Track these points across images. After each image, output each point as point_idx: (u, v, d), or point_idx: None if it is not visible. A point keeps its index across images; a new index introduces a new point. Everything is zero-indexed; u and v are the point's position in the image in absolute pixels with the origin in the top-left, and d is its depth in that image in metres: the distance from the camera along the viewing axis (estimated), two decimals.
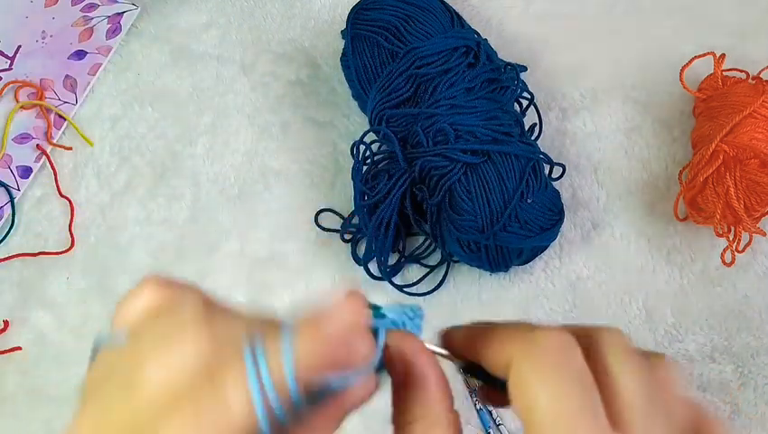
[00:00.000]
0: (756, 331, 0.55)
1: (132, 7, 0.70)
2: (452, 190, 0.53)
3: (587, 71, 0.64)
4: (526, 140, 0.56)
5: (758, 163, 0.53)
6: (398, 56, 0.57)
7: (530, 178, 0.53)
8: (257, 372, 0.21)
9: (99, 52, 0.68)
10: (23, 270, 0.62)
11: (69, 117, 0.66)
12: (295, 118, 0.65)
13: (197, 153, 0.64)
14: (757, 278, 0.56)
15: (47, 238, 0.63)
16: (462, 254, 0.55)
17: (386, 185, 0.55)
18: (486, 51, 0.58)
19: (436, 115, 0.55)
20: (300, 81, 0.66)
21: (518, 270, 0.58)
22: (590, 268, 0.58)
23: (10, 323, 0.60)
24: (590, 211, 0.59)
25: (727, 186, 0.52)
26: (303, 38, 0.68)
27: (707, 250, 0.57)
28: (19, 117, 0.66)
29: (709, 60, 0.58)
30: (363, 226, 0.57)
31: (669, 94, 0.62)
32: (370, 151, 0.58)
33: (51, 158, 0.65)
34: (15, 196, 0.63)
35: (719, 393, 0.54)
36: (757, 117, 0.54)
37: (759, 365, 0.54)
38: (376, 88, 0.57)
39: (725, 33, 0.63)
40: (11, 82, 0.67)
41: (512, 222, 0.52)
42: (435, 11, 0.59)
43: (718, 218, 0.53)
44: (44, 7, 0.71)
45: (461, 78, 0.56)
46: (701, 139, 0.56)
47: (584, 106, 0.63)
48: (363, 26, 0.59)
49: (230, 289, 0.59)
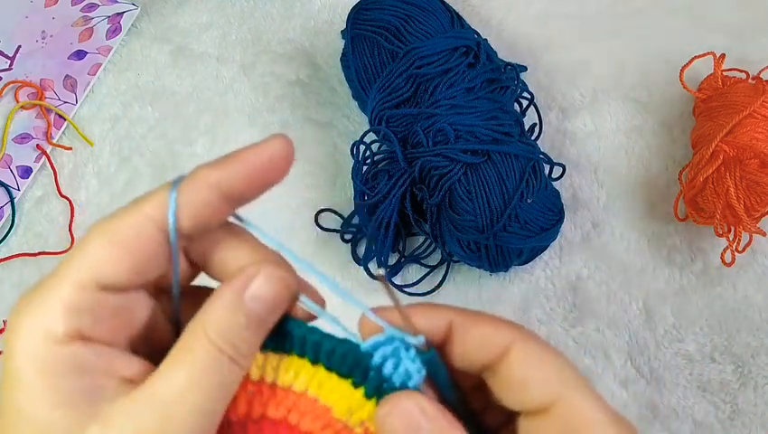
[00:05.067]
0: (756, 331, 0.55)
1: (132, 7, 0.70)
2: (452, 190, 0.53)
3: (587, 71, 0.64)
4: (526, 140, 0.56)
5: (758, 163, 0.53)
6: (398, 56, 0.57)
7: (530, 178, 0.53)
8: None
9: (99, 52, 0.68)
10: (23, 270, 0.62)
11: (69, 118, 0.66)
12: (294, 118, 0.65)
13: (197, 153, 0.64)
14: (757, 278, 0.56)
15: (47, 238, 0.63)
16: (462, 254, 0.55)
17: (386, 185, 0.55)
18: (486, 51, 0.58)
19: (436, 115, 0.55)
20: (300, 81, 0.66)
21: (518, 270, 0.58)
22: (590, 268, 0.58)
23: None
24: (590, 211, 0.59)
25: (727, 186, 0.52)
26: (303, 38, 0.68)
27: (707, 250, 0.57)
28: (19, 117, 0.66)
29: (709, 60, 0.58)
30: (363, 226, 0.57)
31: (669, 94, 0.62)
32: (370, 151, 0.58)
33: (51, 158, 0.65)
34: (15, 196, 0.63)
35: (719, 393, 0.54)
36: (757, 117, 0.54)
37: (759, 365, 0.54)
38: (376, 88, 0.57)
39: (725, 32, 0.64)
40: (11, 82, 0.67)
41: (512, 222, 0.52)
42: (435, 11, 0.59)
43: (718, 218, 0.53)
44: (44, 7, 0.71)
45: (461, 78, 0.56)
46: (701, 139, 0.56)
47: (584, 106, 0.63)
48: (363, 26, 0.59)
49: None
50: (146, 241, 0.25)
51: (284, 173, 0.26)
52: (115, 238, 0.24)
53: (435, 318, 0.26)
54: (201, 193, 0.25)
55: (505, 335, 0.25)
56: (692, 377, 0.54)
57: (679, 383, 0.54)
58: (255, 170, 0.25)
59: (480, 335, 0.26)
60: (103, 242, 0.24)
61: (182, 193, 0.25)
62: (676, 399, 0.54)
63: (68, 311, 0.23)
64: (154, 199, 0.25)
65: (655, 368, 0.55)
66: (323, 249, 0.60)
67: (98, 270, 0.24)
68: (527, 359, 0.25)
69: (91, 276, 0.24)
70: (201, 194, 0.25)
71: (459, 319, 0.26)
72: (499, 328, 0.26)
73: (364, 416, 0.25)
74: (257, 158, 0.25)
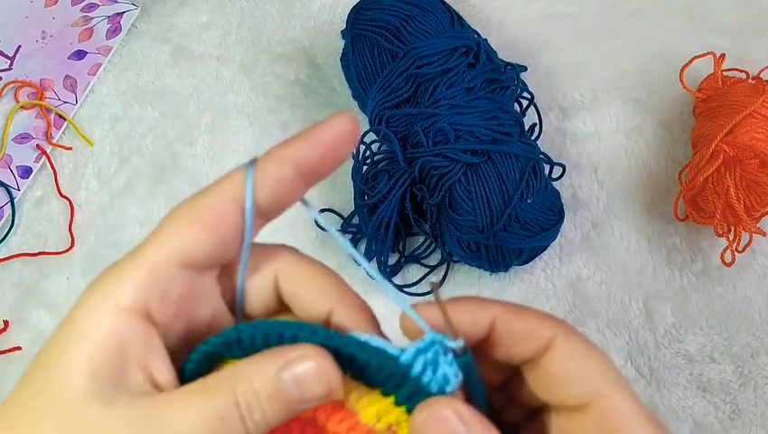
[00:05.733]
0: (756, 331, 0.55)
1: (132, 7, 0.70)
2: (452, 190, 0.53)
3: (587, 71, 0.64)
4: (526, 140, 0.56)
5: (758, 163, 0.53)
6: (398, 56, 0.57)
7: (530, 178, 0.53)
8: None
9: (99, 52, 0.68)
10: (23, 270, 0.62)
11: (69, 118, 0.66)
12: (294, 118, 0.65)
13: (197, 153, 0.64)
14: (757, 278, 0.56)
15: (47, 238, 0.63)
16: (462, 254, 0.55)
17: (386, 185, 0.55)
18: (486, 51, 0.58)
19: (436, 115, 0.55)
20: (300, 81, 0.66)
21: (518, 270, 0.58)
22: (590, 268, 0.58)
23: (10, 323, 0.60)
24: (590, 211, 0.59)
25: (727, 186, 0.52)
26: (303, 38, 0.68)
27: (707, 250, 0.57)
28: (19, 117, 0.66)
29: (709, 60, 0.58)
30: (363, 226, 0.57)
31: (669, 94, 0.62)
32: (370, 151, 0.58)
33: (51, 158, 0.65)
34: (15, 196, 0.63)
35: (719, 393, 0.54)
36: (757, 117, 0.54)
37: (759, 365, 0.54)
38: (376, 88, 0.57)
39: (725, 33, 0.64)
40: (11, 82, 0.67)
41: (512, 222, 0.52)
42: (435, 11, 0.59)
43: (718, 218, 0.53)
44: (44, 7, 0.71)
45: (461, 78, 0.56)
46: (701, 139, 0.56)
47: (584, 106, 0.63)
48: (363, 26, 0.59)
49: None
50: (228, 221, 0.25)
51: (351, 147, 0.27)
52: (197, 218, 0.25)
53: (479, 314, 0.26)
54: (277, 170, 0.26)
55: (548, 329, 0.26)
56: (692, 377, 0.54)
57: (679, 383, 0.54)
58: (326, 146, 0.26)
59: (524, 329, 0.26)
60: (185, 222, 0.25)
61: (258, 171, 0.25)
62: (676, 399, 0.54)
63: (140, 284, 0.24)
64: (234, 178, 0.26)
65: (655, 368, 0.55)
66: (323, 249, 0.60)
67: (180, 248, 0.25)
68: (570, 354, 0.25)
69: (171, 253, 0.25)
70: (277, 170, 0.26)
71: (502, 312, 0.26)
72: (543, 322, 0.26)
73: (392, 420, 0.25)
74: (326, 134, 0.26)
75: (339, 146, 0.26)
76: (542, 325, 0.26)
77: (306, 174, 0.26)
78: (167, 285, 0.25)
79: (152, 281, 0.24)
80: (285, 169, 0.26)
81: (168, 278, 0.25)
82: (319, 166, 0.26)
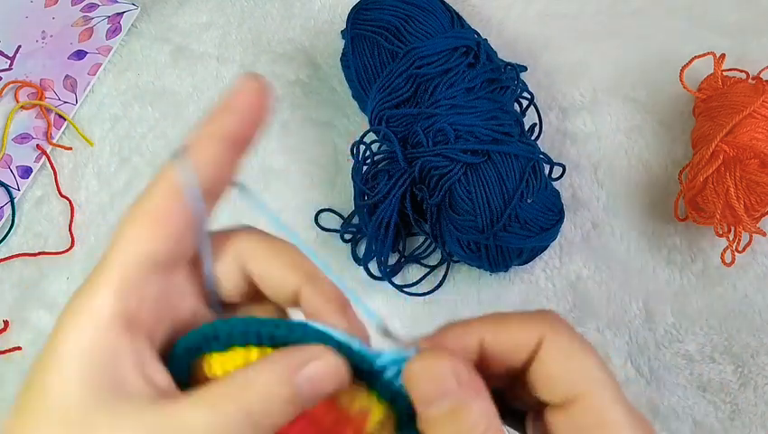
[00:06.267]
0: (756, 331, 0.55)
1: (132, 7, 0.70)
2: (452, 190, 0.53)
3: (587, 71, 0.64)
4: (526, 140, 0.56)
5: (758, 163, 0.53)
6: (398, 56, 0.57)
7: (530, 178, 0.53)
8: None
9: (99, 52, 0.68)
10: (23, 270, 0.62)
11: (69, 118, 0.66)
12: (294, 118, 0.65)
13: None
14: (757, 278, 0.56)
15: (47, 238, 0.63)
16: (462, 254, 0.55)
17: (386, 185, 0.55)
18: (486, 51, 0.59)
19: (436, 115, 0.55)
20: (300, 81, 0.66)
21: (518, 270, 0.58)
22: (590, 268, 0.58)
23: (10, 323, 0.60)
24: (590, 211, 0.59)
25: (727, 186, 0.52)
26: (303, 38, 0.68)
27: (707, 250, 0.57)
28: (19, 117, 0.66)
29: (709, 60, 0.58)
30: (363, 226, 0.57)
31: (669, 94, 0.62)
32: (370, 151, 0.58)
33: (51, 158, 0.65)
34: (15, 196, 0.63)
35: (719, 393, 0.54)
36: (757, 117, 0.54)
37: (759, 365, 0.54)
38: (376, 88, 0.57)
39: (725, 33, 0.64)
40: (11, 82, 0.67)
41: (512, 222, 0.52)
42: (435, 11, 0.59)
43: (718, 218, 0.53)
44: (44, 7, 0.71)
45: (461, 78, 0.56)
46: (701, 139, 0.56)
47: (584, 106, 0.63)
48: (363, 26, 0.59)
49: None
50: (176, 214, 0.26)
51: (267, 103, 0.27)
52: (147, 215, 0.25)
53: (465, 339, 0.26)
54: (209, 147, 0.26)
55: (534, 333, 0.26)
56: (692, 377, 0.54)
57: (679, 383, 0.54)
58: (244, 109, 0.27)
59: (510, 341, 0.26)
60: (138, 225, 0.25)
61: (193, 155, 0.26)
62: (676, 399, 0.54)
63: (114, 292, 0.24)
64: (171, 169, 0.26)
65: (655, 368, 0.55)
66: (323, 249, 0.60)
67: (139, 248, 0.25)
68: (553, 356, 0.25)
69: (136, 257, 0.25)
70: (210, 148, 0.26)
71: (487, 330, 0.26)
72: (527, 327, 0.26)
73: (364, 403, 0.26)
74: (240, 99, 0.27)
75: (256, 106, 0.27)
76: (527, 331, 0.26)
77: (236, 142, 0.26)
78: (141, 289, 0.25)
79: (126, 288, 0.24)
80: (216, 145, 0.26)
81: (140, 281, 0.25)
82: (245, 131, 0.27)
